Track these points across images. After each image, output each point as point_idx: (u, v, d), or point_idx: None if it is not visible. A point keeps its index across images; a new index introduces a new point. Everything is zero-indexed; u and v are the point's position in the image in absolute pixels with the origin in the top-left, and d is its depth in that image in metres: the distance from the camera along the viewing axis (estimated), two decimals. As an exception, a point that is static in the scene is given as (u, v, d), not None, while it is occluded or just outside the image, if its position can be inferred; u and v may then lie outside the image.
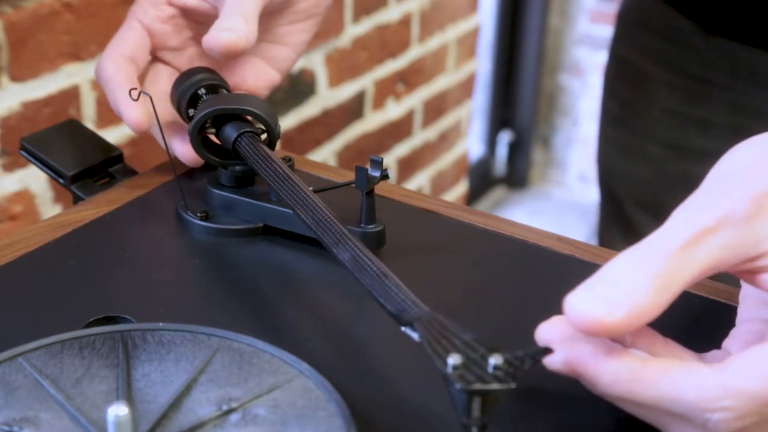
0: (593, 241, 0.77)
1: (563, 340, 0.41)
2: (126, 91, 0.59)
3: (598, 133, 1.07)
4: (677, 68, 0.94)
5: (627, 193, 1.04)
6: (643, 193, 1.02)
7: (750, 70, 0.89)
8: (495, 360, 0.38)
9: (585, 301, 0.38)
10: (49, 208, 1.04)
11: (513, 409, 0.44)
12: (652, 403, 0.39)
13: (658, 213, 1.01)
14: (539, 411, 0.45)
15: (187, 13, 0.64)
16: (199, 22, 0.65)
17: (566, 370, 0.41)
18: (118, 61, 0.61)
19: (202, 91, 0.61)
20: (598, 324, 0.38)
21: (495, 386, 0.37)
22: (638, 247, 0.40)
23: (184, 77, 0.62)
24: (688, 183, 1.00)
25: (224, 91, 0.62)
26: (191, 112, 0.61)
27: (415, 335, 0.41)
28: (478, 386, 0.37)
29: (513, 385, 0.37)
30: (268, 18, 0.65)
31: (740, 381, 0.37)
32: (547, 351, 0.40)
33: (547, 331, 0.42)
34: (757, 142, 0.44)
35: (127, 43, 0.62)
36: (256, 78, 0.66)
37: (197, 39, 0.66)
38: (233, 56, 0.60)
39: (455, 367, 0.37)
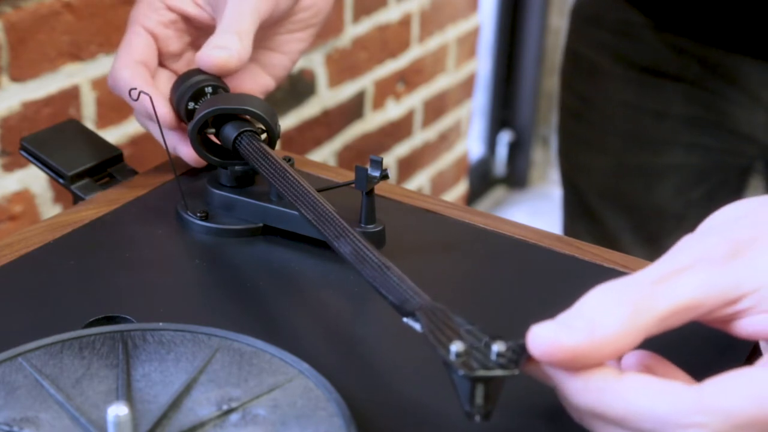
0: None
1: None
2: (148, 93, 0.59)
3: (558, 127, 1.09)
4: (630, 62, 0.96)
5: (588, 185, 1.06)
6: (604, 185, 1.04)
7: (700, 62, 0.91)
8: (498, 347, 0.38)
9: (547, 328, 0.37)
10: (49, 208, 1.04)
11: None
12: (622, 417, 0.37)
13: (619, 203, 1.03)
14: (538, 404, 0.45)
15: (186, 19, 0.65)
16: (198, 28, 0.65)
17: (540, 372, 0.39)
18: (132, 66, 0.62)
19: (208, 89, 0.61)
20: (558, 347, 0.37)
21: (499, 372, 0.37)
22: (612, 281, 0.39)
23: (183, 78, 0.62)
24: (647, 173, 1.02)
25: (223, 91, 0.62)
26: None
27: (417, 326, 0.41)
28: (481, 373, 0.37)
29: (516, 372, 0.37)
30: (267, 26, 0.65)
31: (717, 398, 0.36)
32: None
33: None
34: (741, 203, 0.44)
35: (137, 48, 0.63)
36: (251, 83, 0.67)
37: (196, 44, 0.66)
38: (225, 74, 0.61)
39: (458, 355, 0.37)
